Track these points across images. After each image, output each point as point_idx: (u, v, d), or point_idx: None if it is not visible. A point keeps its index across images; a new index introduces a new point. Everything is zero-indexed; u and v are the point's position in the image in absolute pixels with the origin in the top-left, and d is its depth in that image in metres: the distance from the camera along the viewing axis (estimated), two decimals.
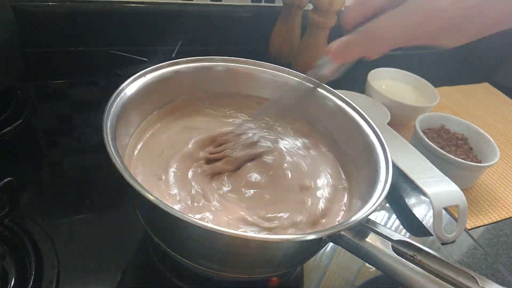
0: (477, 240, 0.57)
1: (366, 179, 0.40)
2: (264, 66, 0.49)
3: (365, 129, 0.43)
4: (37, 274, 0.38)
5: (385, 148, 0.39)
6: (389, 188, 0.35)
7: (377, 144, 0.40)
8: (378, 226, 0.34)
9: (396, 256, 0.32)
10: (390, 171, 0.37)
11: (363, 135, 0.42)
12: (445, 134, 0.70)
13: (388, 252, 0.32)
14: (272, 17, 0.79)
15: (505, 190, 0.67)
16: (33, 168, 0.52)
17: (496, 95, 0.98)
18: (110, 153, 0.31)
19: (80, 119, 0.60)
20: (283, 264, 0.36)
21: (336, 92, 0.47)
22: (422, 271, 0.31)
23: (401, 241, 0.33)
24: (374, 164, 0.39)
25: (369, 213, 0.32)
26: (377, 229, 0.33)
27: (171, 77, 0.44)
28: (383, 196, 0.34)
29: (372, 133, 0.42)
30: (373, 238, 0.33)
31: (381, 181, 0.36)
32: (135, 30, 0.74)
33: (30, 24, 0.66)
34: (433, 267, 0.31)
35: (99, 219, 0.46)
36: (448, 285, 0.30)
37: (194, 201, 0.37)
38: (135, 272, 0.42)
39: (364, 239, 0.33)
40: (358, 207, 0.36)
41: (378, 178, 0.36)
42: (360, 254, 0.34)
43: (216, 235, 0.28)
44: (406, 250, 0.32)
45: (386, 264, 0.32)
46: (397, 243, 0.33)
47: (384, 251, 0.32)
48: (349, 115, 0.45)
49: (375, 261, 0.33)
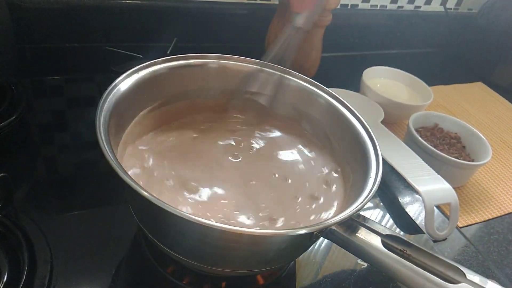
0: (468, 238, 0.57)
1: (357, 175, 0.40)
2: (259, 64, 0.49)
3: (356, 126, 0.43)
4: (30, 269, 0.38)
5: (376, 144, 0.40)
6: (379, 184, 0.35)
7: (367, 141, 0.41)
8: (369, 221, 0.34)
9: (386, 251, 0.32)
10: (380, 167, 0.37)
11: (353, 131, 0.43)
12: (438, 132, 0.70)
13: (378, 247, 0.32)
14: (268, 14, 0.79)
15: (497, 189, 0.67)
16: (27, 163, 0.52)
17: (490, 94, 0.98)
18: (102, 148, 0.31)
19: (75, 115, 0.60)
20: (275, 259, 0.36)
21: (328, 89, 0.47)
22: (411, 265, 0.31)
23: (390, 236, 0.33)
24: (365, 160, 0.39)
25: (359, 208, 0.33)
26: (367, 224, 0.34)
27: (164, 74, 0.44)
28: (373, 191, 0.35)
29: (363, 130, 0.42)
30: (363, 233, 0.33)
31: (371, 177, 0.37)
32: (131, 27, 0.74)
33: (25, 20, 0.65)
34: (422, 261, 0.32)
35: (93, 214, 0.46)
36: (436, 278, 0.30)
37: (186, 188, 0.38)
38: (128, 267, 0.42)
39: (354, 234, 0.34)
40: (349, 202, 0.37)
41: (368, 174, 0.37)
42: (350, 249, 0.34)
43: (208, 230, 0.28)
44: (396, 244, 0.33)
45: (376, 258, 0.33)
46: (387, 237, 0.33)
47: (374, 246, 0.33)
48: (340, 112, 0.45)
49: (365, 255, 0.33)
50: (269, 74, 0.48)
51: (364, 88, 0.76)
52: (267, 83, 0.48)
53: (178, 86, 0.46)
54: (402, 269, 0.31)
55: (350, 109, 0.45)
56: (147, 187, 0.34)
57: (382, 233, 0.33)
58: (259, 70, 0.48)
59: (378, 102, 0.73)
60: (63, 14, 0.68)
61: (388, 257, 0.32)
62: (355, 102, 0.47)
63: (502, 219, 0.62)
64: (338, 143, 0.46)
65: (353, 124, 0.43)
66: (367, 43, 1.00)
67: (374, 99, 0.74)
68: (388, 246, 0.33)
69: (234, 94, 0.49)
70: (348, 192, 0.41)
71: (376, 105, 0.73)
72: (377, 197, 0.60)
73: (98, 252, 0.43)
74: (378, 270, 0.33)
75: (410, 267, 0.31)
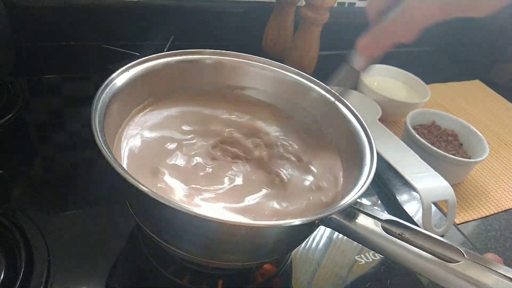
0: (466, 235, 0.57)
1: (352, 164, 0.40)
2: (253, 59, 0.49)
3: (349, 118, 0.43)
4: (28, 267, 0.38)
5: (368, 133, 0.41)
6: (375, 171, 0.36)
7: (360, 130, 0.42)
8: (367, 207, 0.35)
9: (386, 235, 0.33)
10: (374, 155, 0.38)
11: (347, 122, 0.43)
12: (435, 130, 0.70)
13: (378, 231, 0.33)
14: (265, 13, 0.79)
15: (494, 186, 0.68)
16: (24, 162, 0.52)
17: (487, 92, 0.99)
18: (98, 144, 0.31)
19: (72, 114, 0.60)
20: (276, 249, 0.37)
21: (321, 82, 0.47)
22: (411, 247, 0.32)
23: (389, 220, 0.34)
24: (359, 149, 0.40)
25: (358, 195, 0.33)
26: (366, 210, 0.34)
27: (160, 69, 0.44)
28: (370, 178, 0.35)
29: (356, 121, 0.43)
30: (362, 219, 0.34)
31: (367, 164, 0.37)
32: (128, 25, 0.74)
33: (22, 18, 0.65)
34: (420, 243, 0.32)
35: (90, 212, 0.46)
36: (435, 258, 0.31)
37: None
38: (125, 265, 0.42)
39: (354, 221, 0.34)
40: (346, 191, 0.37)
41: (364, 162, 0.38)
42: (351, 235, 0.35)
43: (205, 222, 0.28)
44: (395, 228, 0.33)
45: (376, 243, 0.33)
46: (386, 222, 0.34)
47: (374, 231, 0.33)
48: (334, 105, 0.45)
49: (366, 240, 0.34)
50: (263, 70, 0.49)
51: (361, 86, 0.77)
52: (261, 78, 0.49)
53: (174, 81, 0.46)
54: (403, 252, 0.32)
55: (342, 101, 0.45)
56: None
57: (381, 218, 0.34)
58: (252, 66, 0.48)
59: (376, 100, 0.73)
60: (60, 13, 0.68)
61: (388, 241, 0.32)
62: (352, 100, 0.47)
63: (499, 216, 0.62)
64: (332, 134, 0.46)
65: (346, 115, 0.44)
66: None
67: (372, 97, 0.74)
68: (387, 230, 0.33)
69: (228, 88, 0.49)
70: (345, 182, 0.41)
71: (373, 103, 0.73)
72: (375, 195, 0.60)
73: (95, 250, 0.43)
74: (379, 254, 0.34)
75: (410, 249, 0.32)
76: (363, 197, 0.58)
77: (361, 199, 0.41)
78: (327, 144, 0.46)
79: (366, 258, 0.49)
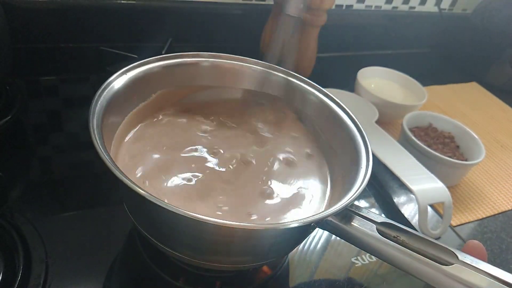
0: (462, 237, 0.58)
1: (348, 166, 0.41)
2: (250, 62, 0.49)
3: (346, 121, 0.44)
4: (26, 268, 0.38)
5: (364, 135, 0.41)
6: (370, 173, 0.36)
7: (356, 133, 0.42)
8: (363, 210, 0.35)
9: (381, 237, 0.33)
10: (370, 157, 0.38)
11: (343, 126, 0.44)
12: (432, 132, 0.71)
13: (373, 234, 0.33)
14: (263, 15, 0.79)
15: (490, 188, 0.68)
16: (22, 163, 0.52)
17: (483, 94, 0.99)
18: (96, 146, 0.31)
19: (70, 116, 0.60)
20: (271, 252, 0.37)
21: (318, 86, 0.48)
22: (405, 250, 0.32)
23: (385, 223, 0.34)
24: (355, 152, 0.40)
25: (354, 198, 0.33)
26: (361, 213, 0.35)
27: (158, 72, 0.44)
28: (366, 181, 0.35)
29: (352, 125, 0.43)
30: (358, 221, 0.34)
31: (362, 167, 0.37)
32: (126, 27, 0.74)
33: (20, 20, 0.65)
34: (415, 246, 0.32)
35: (88, 214, 0.47)
36: (430, 261, 0.31)
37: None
38: (123, 266, 0.42)
39: (350, 223, 0.34)
40: (342, 193, 0.37)
41: (359, 165, 0.38)
42: (346, 237, 0.35)
43: (201, 225, 0.28)
44: (390, 231, 0.34)
45: (371, 245, 0.33)
46: (381, 225, 0.34)
47: (369, 233, 0.33)
48: (330, 108, 0.46)
49: (361, 243, 0.34)
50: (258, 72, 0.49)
51: (359, 88, 0.77)
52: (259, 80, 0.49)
53: (171, 84, 0.46)
54: (397, 254, 0.32)
55: (338, 103, 0.45)
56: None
57: (376, 221, 0.34)
58: (250, 69, 0.49)
59: (373, 102, 0.73)
60: (58, 14, 0.68)
61: (383, 243, 0.33)
62: (349, 102, 0.47)
63: (495, 218, 0.63)
64: (328, 137, 0.46)
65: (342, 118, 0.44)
66: (362, 43, 1.01)
67: (369, 99, 0.74)
68: (383, 233, 0.33)
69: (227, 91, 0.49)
70: (340, 184, 0.42)
71: (370, 105, 0.73)
72: (372, 197, 0.60)
73: (93, 251, 0.43)
74: (374, 256, 0.34)
75: (405, 252, 0.32)
76: (359, 199, 0.58)
77: (358, 201, 0.41)
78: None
79: (362, 260, 0.49)
